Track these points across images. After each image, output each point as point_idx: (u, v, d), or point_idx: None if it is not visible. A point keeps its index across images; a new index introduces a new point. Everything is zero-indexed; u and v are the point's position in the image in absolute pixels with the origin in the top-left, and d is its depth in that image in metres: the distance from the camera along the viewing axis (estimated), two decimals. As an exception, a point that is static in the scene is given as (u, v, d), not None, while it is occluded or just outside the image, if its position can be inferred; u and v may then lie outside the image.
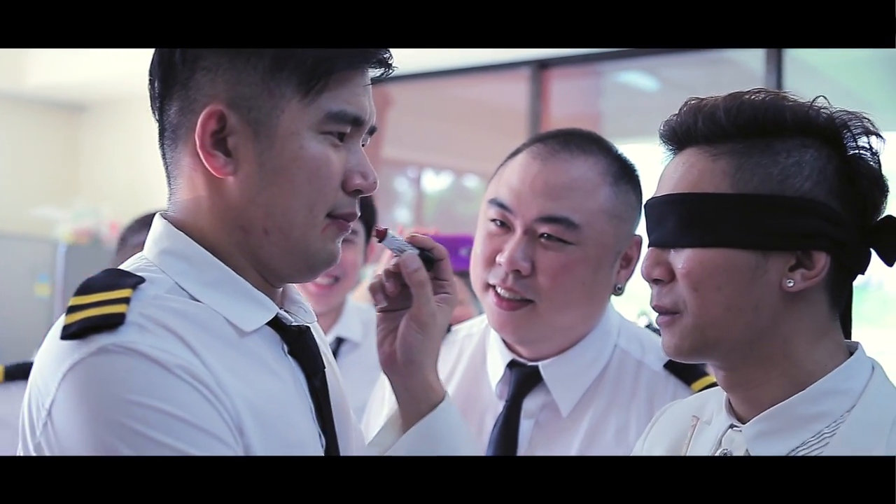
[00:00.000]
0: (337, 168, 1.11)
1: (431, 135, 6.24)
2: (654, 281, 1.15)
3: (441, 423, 1.18)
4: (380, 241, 1.17)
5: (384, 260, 2.19)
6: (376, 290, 1.23)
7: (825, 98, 1.12)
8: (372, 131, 1.17)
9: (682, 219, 1.11)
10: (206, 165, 1.09)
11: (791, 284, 1.08)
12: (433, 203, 6.49)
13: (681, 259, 1.11)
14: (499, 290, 1.52)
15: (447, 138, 6.20)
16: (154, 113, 1.15)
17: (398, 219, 6.47)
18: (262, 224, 1.10)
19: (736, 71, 4.98)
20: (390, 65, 1.15)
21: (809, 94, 1.14)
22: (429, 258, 1.21)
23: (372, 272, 2.84)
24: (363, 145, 1.16)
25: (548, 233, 1.49)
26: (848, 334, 1.17)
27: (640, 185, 1.59)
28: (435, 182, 6.31)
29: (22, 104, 6.78)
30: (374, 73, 1.15)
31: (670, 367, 1.55)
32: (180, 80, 1.10)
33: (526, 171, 1.53)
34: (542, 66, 5.21)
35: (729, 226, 1.08)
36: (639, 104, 5.55)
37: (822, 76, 4.96)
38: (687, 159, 1.14)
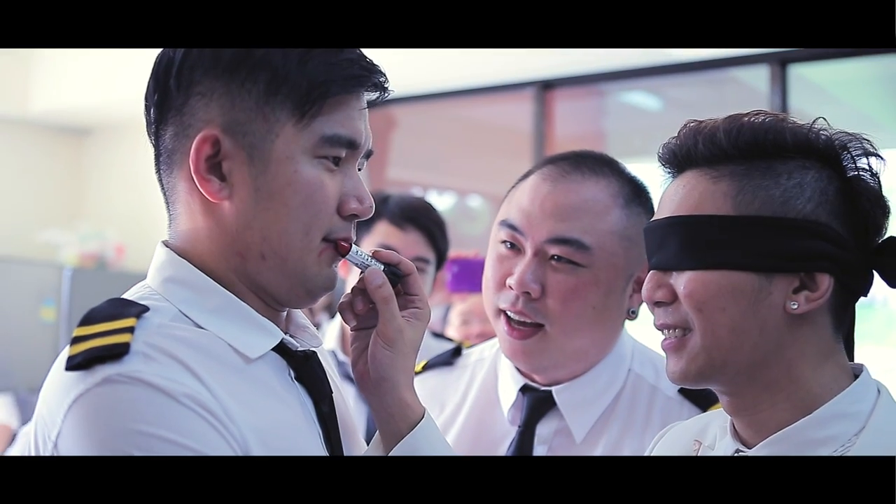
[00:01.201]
0: (332, 192, 1.11)
1: (436, 156, 6.25)
2: (656, 304, 1.14)
3: (421, 443, 1.15)
4: (343, 256, 1.15)
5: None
6: (345, 308, 1.20)
7: (825, 119, 1.12)
8: (368, 155, 1.17)
9: (683, 241, 1.10)
10: (201, 190, 1.09)
11: (795, 307, 1.07)
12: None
13: (682, 281, 1.10)
14: (509, 314, 1.49)
15: (452, 159, 6.21)
16: (150, 138, 1.15)
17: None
18: (258, 249, 1.10)
19: (740, 90, 4.98)
20: (386, 88, 1.15)
21: (814, 113, 1.13)
22: (395, 273, 1.19)
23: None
24: (359, 169, 1.16)
25: (558, 254, 1.47)
26: (851, 356, 1.16)
27: (653, 208, 1.56)
28: (438, 202, 6.31)
29: (27, 129, 6.80)
30: (371, 96, 1.15)
31: (685, 392, 1.52)
32: (175, 105, 1.10)
33: (536, 192, 1.51)
34: (546, 86, 5.22)
35: (731, 248, 1.08)
36: (643, 124, 5.55)
37: (827, 94, 4.96)
38: (687, 182, 1.13)
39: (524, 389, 1.56)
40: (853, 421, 1.07)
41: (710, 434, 1.22)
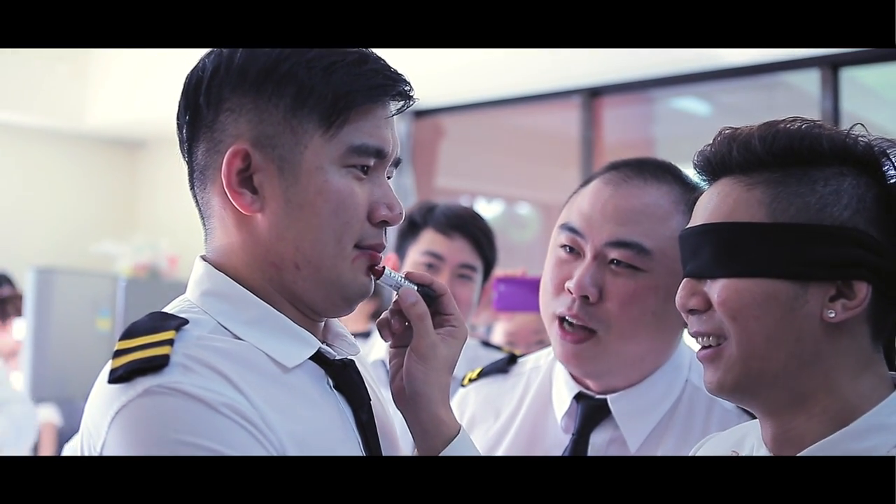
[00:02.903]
0: (362, 200, 1.12)
1: (484, 164, 6.25)
2: (689, 311, 1.13)
3: None
4: (377, 279, 1.17)
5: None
6: (383, 326, 1.23)
7: (863, 126, 1.10)
8: (397, 163, 1.18)
9: (717, 249, 1.10)
10: (234, 204, 1.11)
11: (832, 315, 1.05)
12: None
13: (716, 289, 1.09)
14: (565, 318, 1.48)
15: (500, 167, 6.21)
16: (183, 156, 1.18)
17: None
18: (292, 259, 1.11)
19: (791, 94, 4.92)
20: (411, 97, 1.16)
21: (866, 116, 1.12)
22: (428, 294, 1.21)
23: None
24: (388, 177, 1.18)
25: (618, 258, 1.45)
26: (892, 366, 1.13)
27: None
28: (487, 210, 6.31)
29: (82, 142, 6.93)
30: (396, 105, 1.16)
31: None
32: (206, 122, 1.13)
33: (597, 196, 1.50)
34: (594, 93, 5.21)
35: (766, 256, 1.06)
36: (692, 130, 5.51)
37: (880, 97, 4.88)
38: (722, 189, 1.12)
39: (578, 397, 1.55)
40: (892, 433, 1.05)
41: (748, 444, 1.20)
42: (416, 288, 1.21)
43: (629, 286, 1.45)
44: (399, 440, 1.28)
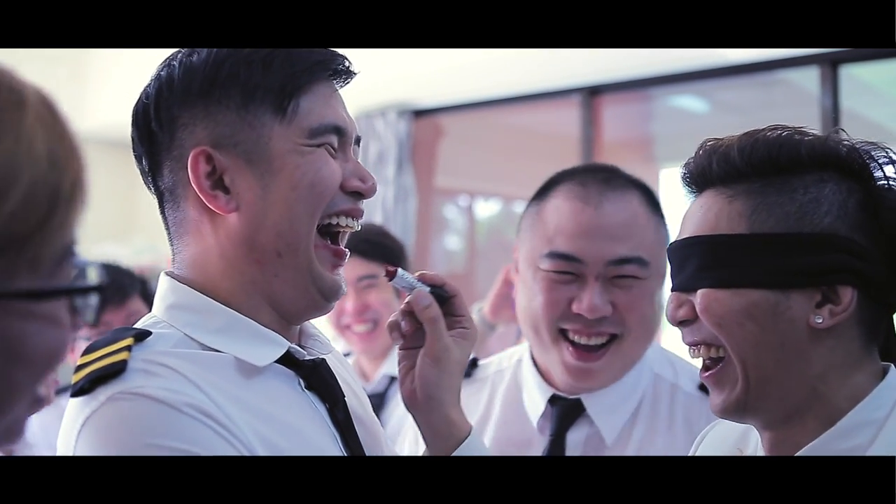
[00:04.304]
0: (336, 171, 1.14)
1: (484, 163, 6.26)
2: (680, 323, 1.13)
3: None
4: (390, 281, 1.19)
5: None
6: (393, 328, 1.23)
7: (844, 131, 1.11)
8: (357, 141, 1.19)
9: (700, 262, 1.10)
10: (211, 207, 1.12)
11: (820, 321, 1.05)
12: (483, 229, 6.51)
13: (697, 298, 1.10)
14: (576, 339, 1.51)
15: (500, 166, 6.21)
16: (149, 189, 1.19)
17: (449, 246, 6.48)
18: (274, 247, 1.12)
19: (790, 91, 4.91)
20: (351, 71, 1.18)
21: (866, 112, 1.12)
22: (441, 295, 1.22)
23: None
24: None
25: (622, 274, 1.49)
26: (891, 359, 1.13)
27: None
28: (485, 208, 6.32)
29: (81, 144, 6.92)
30: (339, 85, 1.18)
31: (704, 388, 1.52)
32: (164, 145, 1.14)
33: (579, 216, 1.52)
34: (593, 92, 5.20)
35: (745, 267, 1.07)
36: (691, 127, 5.51)
37: (880, 94, 4.88)
38: (705, 202, 1.13)
39: (553, 400, 1.57)
40: (875, 427, 1.05)
41: (752, 441, 1.20)
42: (428, 290, 1.21)
43: (634, 294, 1.50)
44: (382, 435, 1.28)
